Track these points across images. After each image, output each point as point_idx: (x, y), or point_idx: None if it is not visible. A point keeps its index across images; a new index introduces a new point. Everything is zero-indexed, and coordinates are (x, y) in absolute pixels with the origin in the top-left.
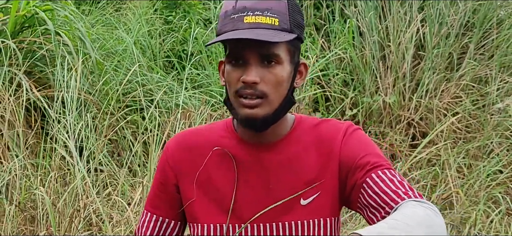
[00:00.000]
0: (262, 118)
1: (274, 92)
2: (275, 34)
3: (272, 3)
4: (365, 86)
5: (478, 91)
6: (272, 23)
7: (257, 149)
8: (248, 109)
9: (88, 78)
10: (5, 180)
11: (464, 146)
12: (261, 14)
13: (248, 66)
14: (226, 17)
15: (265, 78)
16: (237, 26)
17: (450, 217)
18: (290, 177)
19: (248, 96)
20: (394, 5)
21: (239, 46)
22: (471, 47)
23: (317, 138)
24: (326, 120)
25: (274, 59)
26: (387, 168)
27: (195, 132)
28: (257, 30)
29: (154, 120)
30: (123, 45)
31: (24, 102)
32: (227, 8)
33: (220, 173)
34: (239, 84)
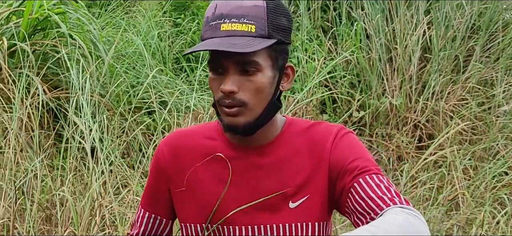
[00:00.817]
0: (243, 126)
1: (254, 99)
2: (249, 43)
3: (249, 8)
4: (372, 88)
5: (484, 94)
6: (249, 30)
7: (245, 152)
8: (229, 117)
9: (100, 80)
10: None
11: (470, 148)
12: (237, 21)
13: (226, 75)
14: (207, 24)
15: (244, 86)
16: (215, 34)
17: (456, 218)
18: (279, 180)
19: (228, 106)
20: (401, 8)
21: (217, 55)
22: (477, 49)
23: (308, 141)
24: (317, 122)
25: (253, 66)
26: (375, 173)
27: (185, 134)
28: (232, 38)
29: (164, 122)
30: (133, 47)
31: (40, 105)
32: (208, 13)
33: (208, 175)
34: (218, 93)
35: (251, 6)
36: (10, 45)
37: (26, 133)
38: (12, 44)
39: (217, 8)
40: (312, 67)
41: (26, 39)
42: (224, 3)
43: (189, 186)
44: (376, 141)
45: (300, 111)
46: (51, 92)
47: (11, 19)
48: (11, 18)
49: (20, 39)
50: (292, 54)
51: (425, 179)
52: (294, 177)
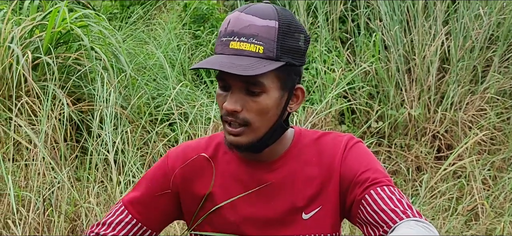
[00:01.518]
0: (246, 146)
1: (258, 120)
2: (253, 64)
3: (260, 28)
4: (391, 99)
5: (503, 104)
6: (256, 51)
7: (256, 168)
8: (231, 136)
9: (121, 93)
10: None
11: (489, 158)
12: (246, 40)
13: (231, 93)
14: (219, 38)
15: (248, 106)
16: (224, 50)
17: (476, 229)
18: (291, 194)
19: (230, 124)
20: (419, 19)
21: (223, 72)
22: (496, 60)
23: (318, 152)
24: (326, 133)
25: (258, 87)
26: (387, 185)
27: (195, 147)
28: (238, 58)
29: (185, 133)
30: (153, 59)
31: (65, 118)
32: (222, 28)
33: (220, 190)
34: (223, 110)
35: (262, 26)
36: (34, 58)
37: (51, 146)
38: (35, 57)
39: (229, 24)
40: (331, 78)
41: (49, 52)
42: (236, 19)
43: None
44: (395, 151)
45: (319, 122)
46: (74, 105)
47: (34, 32)
48: (35, 31)
49: (43, 52)
50: (310, 65)
51: (444, 190)
52: (306, 189)
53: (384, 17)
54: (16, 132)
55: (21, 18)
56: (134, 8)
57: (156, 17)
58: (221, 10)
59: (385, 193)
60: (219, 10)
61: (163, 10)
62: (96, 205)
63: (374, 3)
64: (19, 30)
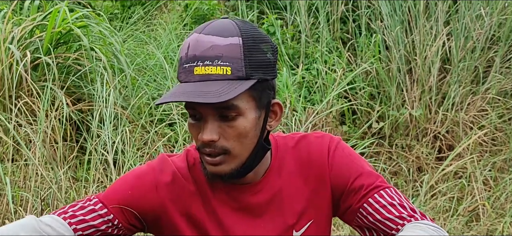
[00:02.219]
0: (229, 174)
1: (237, 145)
2: (224, 88)
3: (223, 48)
4: (392, 99)
5: (504, 104)
6: (224, 73)
7: (241, 191)
8: (212, 166)
9: (121, 93)
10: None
11: (490, 159)
12: (210, 64)
13: (204, 123)
14: (181, 65)
15: (225, 133)
16: (188, 78)
17: (476, 229)
18: (280, 212)
19: (210, 155)
20: (420, 19)
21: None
22: (497, 60)
23: (300, 160)
24: (303, 136)
25: (233, 111)
26: (383, 189)
27: (180, 165)
28: (205, 84)
29: (185, 133)
30: (154, 60)
31: (64, 118)
32: (182, 53)
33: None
34: (199, 141)
35: (225, 45)
36: (34, 58)
37: (50, 145)
38: (35, 58)
39: (189, 49)
40: (332, 78)
41: (49, 52)
42: (196, 41)
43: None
44: (396, 152)
45: (319, 122)
46: (74, 105)
47: (34, 33)
48: (35, 32)
49: (43, 53)
50: (311, 65)
51: (445, 190)
52: (294, 204)
53: (385, 17)
54: (16, 132)
55: (22, 19)
56: (135, 9)
57: (157, 17)
58: (222, 11)
59: (385, 199)
60: (220, 10)
61: (164, 10)
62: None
63: (375, 4)
64: (19, 31)
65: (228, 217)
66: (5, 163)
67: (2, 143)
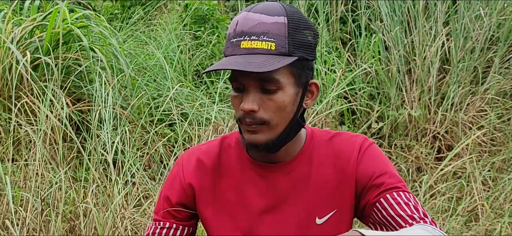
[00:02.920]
0: (264, 144)
1: (275, 117)
2: (267, 61)
3: (269, 25)
4: (391, 100)
5: (503, 105)
6: (268, 48)
7: (269, 170)
8: (250, 134)
9: (121, 93)
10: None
11: (489, 159)
12: (257, 39)
13: (246, 93)
14: (228, 40)
15: (265, 104)
16: (235, 51)
17: (475, 229)
18: (305, 196)
19: (247, 124)
20: (420, 20)
21: (237, 72)
22: (496, 61)
23: (332, 153)
24: (339, 133)
25: (274, 84)
26: (402, 191)
27: (208, 152)
28: (251, 57)
29: (185, 133)
30: (154, 60)
31: (64, 118)
32: (230, 30)
33: (234, 196)
34: (239, 111)
35: (272, 23)
36: (34, 58)
37: (50, 146)
38: (36, 58)
39: (238, 25)
40: (331, 79)
41: (49, 53)
42: (245, 19)
43: (216, 204)
44: (395, 152)
45: (319, 122)
46: (74, 105)
47: (35, 33)
48: (35, 32)
49: (43, 53)
50: None
51: (444, 190)
52: (320, 192)
53: (384, 18)
54: (16, 132)
55: (22, 19)
56: (135, 9)
57: (157, 17)
58: (222, 11)
59: (401, 198)
60: (220, 10)
61: (164, 10)
62: (93, 206)
63: (374, 4)
64: (20, 31)
65: (254, 197)
66: (5, 163)
67: (2, 143)
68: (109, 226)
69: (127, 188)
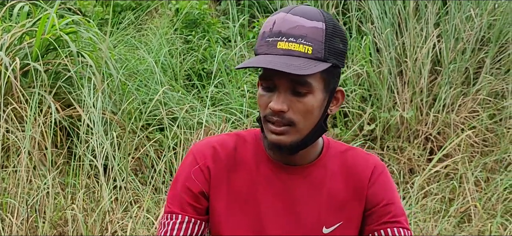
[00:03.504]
0: (289, 145)
1: (302, 120)
2: (305, 64)
3: (308, 29)
4: (383, 102)
5: (495, 105)
6: (305, 52)
7: (286, 171)
8: (275, 135)
9: (112, 98)
10: (37, 197)
11: (481, 160)
12: (294, 41)
13: (277, 93)
14: (263, 38)
15: (294, 106)
16: (271, 50)
17: (468, 230)
18: (316, 201)
19: (275, 123)
20: (410, 21)
21: (271, 71)
22: (487, 61)
23: (344, 166)
24: (353, 148)
25: (305, 88)
26: (403, 227)
27: (224, 144)
28: (288, 58)
29: (176, 138)
30: (144, 64)
31: (53, 123)
32: (266, 29)
33: (247, 191)
34: (267, 109)
35: (310, 27)
36: (23, 65)
37: (40, 151)
38: (25, 64)
39: (275, 25)
40: None
41: (38, 59)
42: (283, 20)
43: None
44: (388, 154)
45: None
46: (63, 111)
47: (24, 39)
48: (24, 38)
49: (33, 59)
50: None
51: (436, 191)
52: (330, 201)
53: (375, 19)
54: (6, 138)
55: (11, 25)
56: (125, 14)
57: (148, 22)
58: (213, 15)
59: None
60: (211, 14)
61: (154, 15)
62: (79, 211)
63: (365, 6)
64: (9, 37)
65: (268, 196)
66: None
67: None
68: (97, 231)
69: (117, 193)
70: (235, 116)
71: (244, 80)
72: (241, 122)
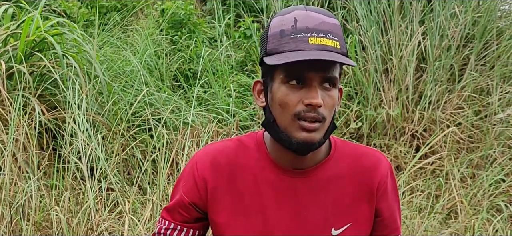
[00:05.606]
0: (318, 142)
1: (329, 115)
2: (341, 58)
3: (331, 26)
4: (369, 99)
5: (480, 102)
6: (335, 47)
7: (292, 175)
8: (306, 132)
9: (97, 100)
10: (21, 201)
11: (467, 156)
12: (324, 36)
13: (311, 88)
14: (284, 36)
15: (325, 101)
16: (302, 46)
17: (454, 227)
18: (324, 205)
19: (311, 120)
20: (396, 20)
21: (304, 67)
22: (472, 58)
23: (355, 167)
24: (362, 148)
25: (333, 82)
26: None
27: (225, 151)
28: (326, 52)
29: (162, 138)
30: (130, 66)
31: (37, 125)
32: (285, 27)
33: (252, 198)
34: (299, 106)
35: (333, 24)
36: (8, 67)
37: (25, 154)
38: (10, 66)
39: (298, 22)
40: None
41: (23, 61)
42: (306, 16)
43: (231, 207)
44: None
45: None
46: (49, 113)
47: (8, 41)
48: (9, 40)
49: (17, 61)
50: None
51: (422, 188)
52: (338, 202)
53: (360, 18)
54: None
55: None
56: (110, 15)
57: (133, 23)
58: (199, 15)
59: None
60: (197, 15)
61: (140, 16)
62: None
63: (350, 5)
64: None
65: (273, 201)
66: None
67: None
68: (82, 232)
69: (102, 195)
70: (222, 116)
71: (230, 80)
72: (228, 122)
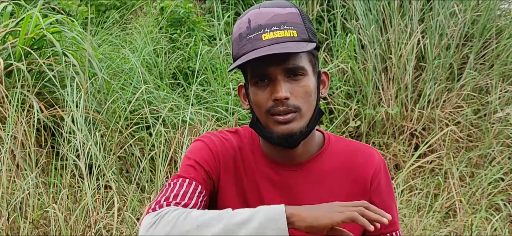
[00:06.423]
0: (298, 133)
1: (305, 104)
2: (296, 46)
3: (286, 15)
4: (368, 98)
5: (479, 101)
6: (291, 36)
7: (285, 169)
8: (283, 125)
9: (96, 97)
10: (19, 198)
11: (466, 155)
12: (278, 29)
13: (275, 83)
14: (242, 39)
15: (295, 91)
16: (256, 45)
17: (453, 225)
18: (318, 196)
19: (282, 113)
20: (395, 18)
21: (262, 64)
22: (471, 57)
23: (349, 162)
24: (356, 143)
25: (300, 71)
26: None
27: (227, 138)
28: (279, 44)
29: (160, 136)
30: (129, 64)
31: (35, 123)
32: (241, 30)
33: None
34: (269, 102)
35: (287, 13)
36: (7, 65)
37: (23, 151)
38: (9, 64)
39: (252, 21)
40: None
41: (22, 59)
42: (258, 14)
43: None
44: None
45: None
46: (47, 110)
47: (7, 39)
48: (8, 38)
49: (16, 59)
50: None
51: (421, 186)
52: (333, 197)
53: (360, 17)
54: None
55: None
56: (110, 13)
57: (133, 21)
58: (198, 13)
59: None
60: (196, 13)
61: (139, 14)
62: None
63: (350, 3)
64: None
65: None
66: None
67: None
68: (80, 230)
69: (101, 192)
70: (221, 114)
71: (229, 78)
72: (226, 120)
